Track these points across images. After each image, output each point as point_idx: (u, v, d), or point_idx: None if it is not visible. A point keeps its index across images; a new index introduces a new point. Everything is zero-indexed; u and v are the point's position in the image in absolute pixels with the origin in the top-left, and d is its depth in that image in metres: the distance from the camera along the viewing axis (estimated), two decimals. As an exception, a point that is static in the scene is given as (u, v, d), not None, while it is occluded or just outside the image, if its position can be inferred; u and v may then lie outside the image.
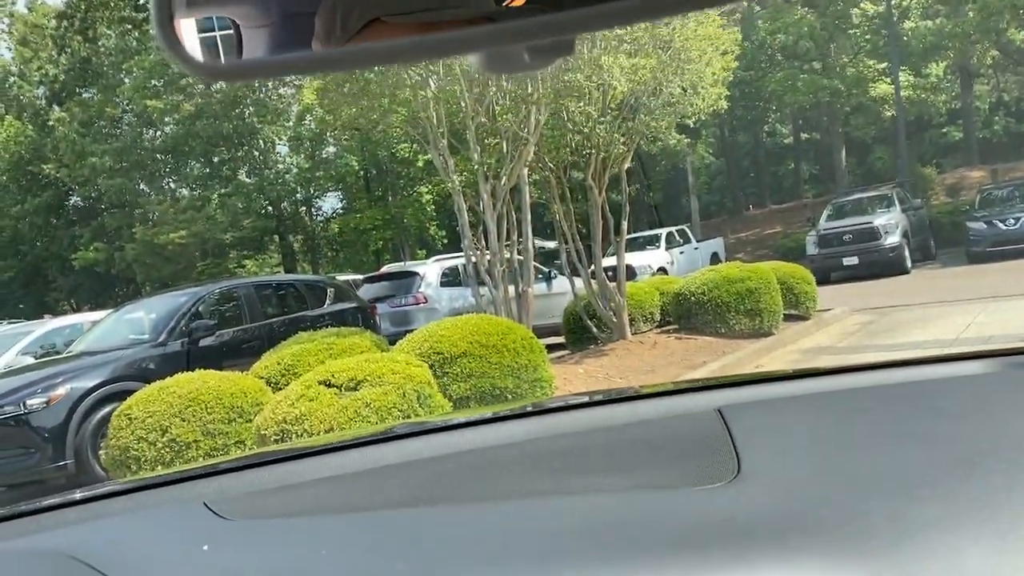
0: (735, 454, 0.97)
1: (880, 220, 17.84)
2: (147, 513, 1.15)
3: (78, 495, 1.25)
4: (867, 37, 27.19)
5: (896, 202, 19.07)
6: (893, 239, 17.47)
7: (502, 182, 8.72)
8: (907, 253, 17.59)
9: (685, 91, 9.11)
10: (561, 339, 10.88)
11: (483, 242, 8.88)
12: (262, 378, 6.71)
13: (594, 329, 10.08)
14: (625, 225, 10.34)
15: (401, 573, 0.81)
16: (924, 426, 0.98)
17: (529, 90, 8.43)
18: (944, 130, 33.35)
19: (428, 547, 0.87)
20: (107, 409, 6.97)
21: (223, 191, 27.94)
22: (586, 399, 1.43)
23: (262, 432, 5.38)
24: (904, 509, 0.78)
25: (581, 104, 8.87)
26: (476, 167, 8.70)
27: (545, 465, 1.07)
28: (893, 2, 24.93)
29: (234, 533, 1.00)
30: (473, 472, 1.10)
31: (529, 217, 9.13)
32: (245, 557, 0.92)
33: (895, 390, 1.15)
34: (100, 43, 30.28)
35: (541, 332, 8.17)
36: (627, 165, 10.06)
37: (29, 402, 6.96)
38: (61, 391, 7.09)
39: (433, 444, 1.25)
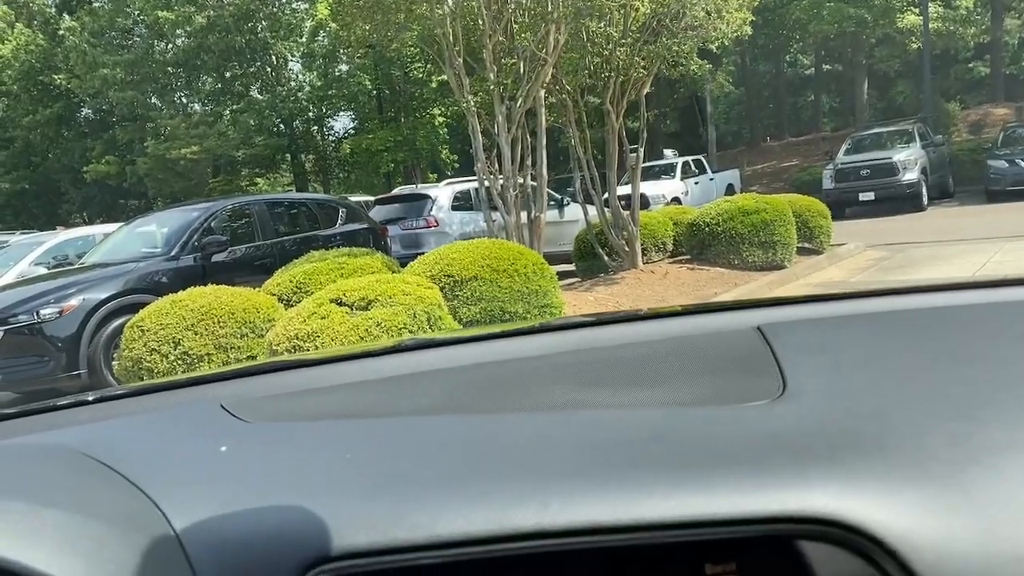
0: (779, 371, 0.92)
1: (899, 156, 17.54)
2: (162, 413, 1.12)
3: (91, 396, 1.22)
4: (898, -35, 26.35)
5: (917, 138, 18.73)
6: (911, 175, 17.20)
7: (518, 104, 8.54)
8: (924, 190, 17.34)
9: (709, 15, 8.85)
10: (571, 266, 10.84)
11: (496, 166, 8.75)
12: (274, 295, 6.73)
13: (605, 257, 10.01)
14: (641, 152, 10.17)
15: (428, 480, 0.78)
16: (981, 348, 0.92)
17: (549, 8, 8.20)
18: (970, 65, 32.53)
19: (456, 455, 0.83)
20: (120, 321, 7.01)
21: (235, 107, 27.65)
22: (609, 317, 1.39)
23: (274, 347, 5.41)
24: (967, 431, 0.74)
25: (602, 25, 8.64)
26: (492, 88, 8.51)
27: (575, 376, 1.03)
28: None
29: (253, 435, 0.98)
30: (502, 381, 1.06)
31: (544, 141, 8.97)
32: (265, 458, 0.89)
33: (946, 312, 1.10)
34: (110, -50, 29.61)
35: (552, 259, 8.13)
36: (646, 90, 9.84)
37: (42, 311, 6.99)
38: (74, 302, 7.12)
39: (457, 355, 1.21)
